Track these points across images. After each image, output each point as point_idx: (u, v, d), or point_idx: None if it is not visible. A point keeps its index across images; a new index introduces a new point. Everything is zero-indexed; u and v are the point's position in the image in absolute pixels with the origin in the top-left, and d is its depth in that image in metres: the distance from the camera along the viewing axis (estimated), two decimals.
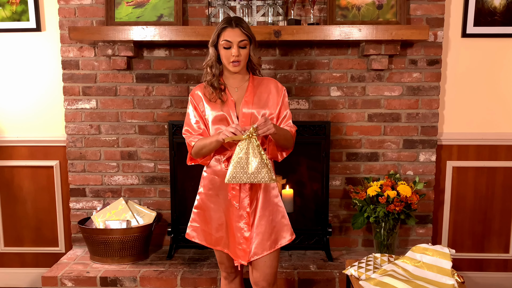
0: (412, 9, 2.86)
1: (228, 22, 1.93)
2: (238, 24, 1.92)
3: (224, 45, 1.92)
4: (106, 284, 2.64)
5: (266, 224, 2.00)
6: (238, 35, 1.91)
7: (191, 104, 2.04)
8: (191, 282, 2.63)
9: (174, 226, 2.96)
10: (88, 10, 2.89)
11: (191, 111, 2.04)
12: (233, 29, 1.92)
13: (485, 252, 3.13)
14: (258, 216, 2.00)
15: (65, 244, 3.17)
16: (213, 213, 2.06)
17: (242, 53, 1.93)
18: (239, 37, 1.91)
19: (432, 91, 2.91)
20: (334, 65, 2.90)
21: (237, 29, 1.91)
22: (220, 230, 2.06)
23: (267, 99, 2.02)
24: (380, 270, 2.03)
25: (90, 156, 3.01)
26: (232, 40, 1.91)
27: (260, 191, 2.01)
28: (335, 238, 3.03)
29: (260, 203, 2.01)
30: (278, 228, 2.04)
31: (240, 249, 2.00)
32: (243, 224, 1.99)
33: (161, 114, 2.96)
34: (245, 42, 1.93)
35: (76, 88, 2.96)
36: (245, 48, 1.94)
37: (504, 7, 2.90)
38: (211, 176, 2.05)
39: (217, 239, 2.07)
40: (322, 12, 2.87)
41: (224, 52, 1.94)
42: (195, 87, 2.08)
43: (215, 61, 1.99)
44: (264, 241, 2.00)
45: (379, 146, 2.97)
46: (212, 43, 1.98)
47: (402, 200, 2.55)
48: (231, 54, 1.92)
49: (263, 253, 2.00)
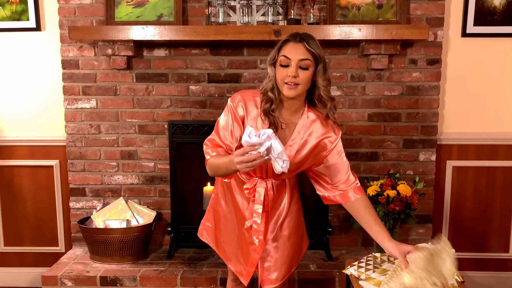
0: (412, 9, 2.86)
1: (293, 36, 1.63)
2: (303, 39, 1.60)
3: (282, 62, 1.60)
4: (106, 283, 2.64)
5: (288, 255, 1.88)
6: (301, 52, 1.58)
7: (231, 114, 1.70)
8: (191, 282, 2.63)
9: (174, 225, 2.96)
10: (88, 10, 2.89)
11: (227, 119, 1.70)
12: (295, 44, 1.60)
13: (485, 251, 3.13)
14: (280, 246, 1.87)
15: (65, 244, 3.17)
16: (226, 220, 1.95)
17: (302, 75, 1.59)
18: (302, 55, 1.58)
19: (432, 90, 2.91)
20: (334, 64, 2.90)
21: (300, 45, 1.59)
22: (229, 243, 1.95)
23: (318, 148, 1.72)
24: (380, 269, 2.03)
25: (90, 156, 3.01)
26: (291, 57, 1.59)
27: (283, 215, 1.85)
28: (335, 237, 3.03)
29: (285, 231, 1.86)
30: (295, 260, 1.95)
31: (244, 269, 1.91)
32: (251, 249, 1.84)
33: (161, 113, 2.96)
34: (307, 63, 1.59)
35: (76, 88, 2.96)
36: (307, 69, 1.60)
37: (504, 6, 2.90)
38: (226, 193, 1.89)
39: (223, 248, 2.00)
40: (322, 12, 2.87)
41: (280, 70, 1.61)
42: (243, 95, 1.72)
43: (275, 82, 1.64)
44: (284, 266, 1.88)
45: (379, 145, 2.97)
46: (271, 61, 1.65)
47: (402, 200, 2.55)
48: (286, 74, 1.59)
49: (276, 284, 1.89)
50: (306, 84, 1.62)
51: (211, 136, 1.76)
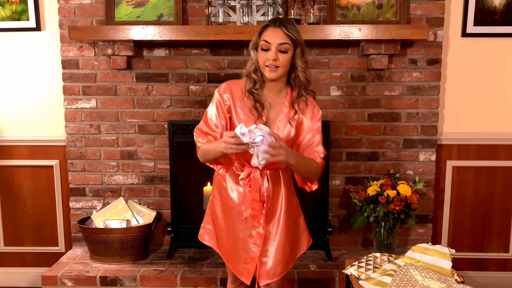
0: (412, 9, 2.86)
1: (272, 21, 1.74)
2: (282, 24, 1.70)
3: (263, 46, 1.72)
4: (106, 283, 2.64)
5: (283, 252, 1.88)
6: (280, 37, 1.69)
7: (216, 103, 1.80)
8: (191, 282, 2.63)
9: (174, 225, 2.96)
10: (88, 10, 2.89)
11: (213, 109, 1.81)
12: (275, 29, 1.70)
13: (485, 251, 3.13)
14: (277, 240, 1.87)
15: (65, 244, 3.17)
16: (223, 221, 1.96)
17: (281, 58, 1.70)
18: (281, 39, 1.69)
19: (432, 90, 2.91)
20: (334, 64, 2.90)
21: (279, 30, 1.69)
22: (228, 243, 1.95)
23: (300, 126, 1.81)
24: (380, 269, 2.03)
25: (90, 156, 3.01)
26: (271, 42, 1.70)
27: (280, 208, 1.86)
28: (335, 237, 3.03)
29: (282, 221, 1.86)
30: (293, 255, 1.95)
31: (244, 268, 1.90)
32: (251, 243, 1.86)
33: (161, 113, 2.96)
34: (287, 46, 1.70)
35: (76, 88, 2.96)
36: (286, 53, 1.70)
37: (504, 6, 2.90)
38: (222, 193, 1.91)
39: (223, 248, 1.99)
40: (322, 12, 2.87)
41: (262, 54, 1.73)
42: (227, 84, 1.84)
43: (258, 65, 1.76)
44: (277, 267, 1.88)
45: (379, 145, 2.97)
46: (254, 45, 1.77)
47: (402, 200, 2.55)
48: (267, 58, 1.70)
49: (273, 279, 1.89)
50: (285, 66, 1.72)
51: (199, 125, 1.85)
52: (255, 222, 1.83)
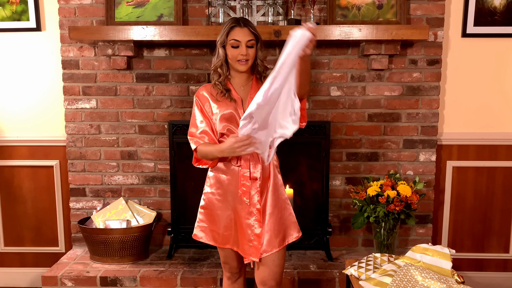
0: (412, 9, 2.86)
1: (236, 22, 1.97)
2: (247, 24, 1.97)
3: (233, 44, 1.96)
4: (106, 284, 2.64)
5: (275, 222, 2.01)
6: (247, 34, 1.95)
7: (196, 105, 2.05)
8: (191, 282, 2.63)
9: (174, 226, 2.96)
10: (88, 10, 2.89)
11: (196, 112, 2.05)
12: (241, 29, 1.96)
13: (485, 252, 3.13)
14: (268, 214, 2.00)
15: (65, 244, 3.17)
16: (221, 212, 2.05)
17: (250, 53, 1.96)
18: (248, 37, 1.95)
19: (432, 91, 2.91)
20: (334, 65, 2.90)
21: (245, 29, 1.96)
22: (229, 229, 2.05)
23: None
24: (380, 270, 2.03)
25: (90, 156, 3.01)
26: (241, 40, 1.94)
27: (269, 188, 2.02)
28: (335, 238, 3.03)
29: (270, 200, 2.01)
30: (286, 225, 2.04)
31: (251, 246, 1.99)
32: (253, 221, 1.98)
33: (161, 114, 2.96)
34: (252, 42, 1.96)
35: (76, 88, 2.96)
36: (253, 47, 1.97)
37: (504, 7, 2.90)
38: (218, 175, 2.05)
39: (225, 237, 2.06)
40: (322, 12, 2.87)
41: (232, 51, 1.97)
42: (200, 88, 2.09)
43: (224, 61, 2.02)
44: (273, 239, 2.00)
45: (379, 146, 2.97)
46: (221, 44, 2.00)
47: (402, 200, 2.55)
48: (239, 53, 1.95)
49: (272, 251, 1.99)
50: (253, 58, 1.99)
51: (190, 130, 2.05)
52: (246, 198, 1.97)
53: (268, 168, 2.03)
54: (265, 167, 2.01)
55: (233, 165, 2.01)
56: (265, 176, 2.02)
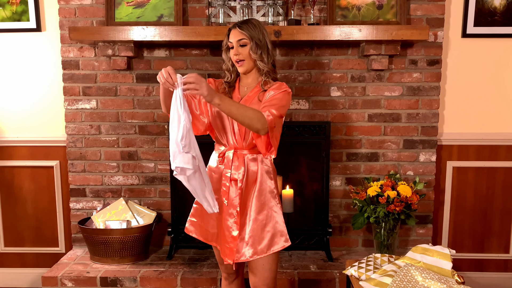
0: (412, 9, 2.86)
1: (233, 25, 2.02)
2: (237, 25, 1.99)
3: (229, 45, 2.01)
4: (106, 284, 2.64)
5: (258, 228, 1.97)
6: (237, 34, 1.97)
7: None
8: (191, 282, 2.63)
9: (174, 226, 2.96)
10: (88, 10, 2.89)
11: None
12: (234, 30, 1.99)
13: (485, 252, 3.13)
14: (252, 219, 1.96)
15: (65, 244, 3.17)
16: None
17: (242, 52, 1.97)
18: (238, 36, 1.97)
19: (432, 91, 2.91)
20: (334, 65, 2.90)
21: (236, 29, 1.98)
22: (215, 227, 2.06)
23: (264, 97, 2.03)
24: (380, 270, 2.03)
25: (90, 156, 3.01)
26: (232, 40, 1.98)
27: (254, 194, 1.98)
28: (335, 238, 3.03)
29: (254, 206, 1.97)
30: (272, 234, 1.98)
31: (227, 248, 1.99)
32: (232, 223, 1.97)
33: (161, 114, 2.96)
34: (244, 41, 1.96)
35: (76, 88, 2.96)
36: (245, 46, 1.97)
37: (504, 7, 2.90)
38: (211, 173, 2.06)
39: (212, 235, 2.07)
40: (322, 12, 2.87)
41: (230, 53, 2.02)
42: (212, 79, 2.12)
43: (231, 64, 2.06)
44: (256, 244, 1.96)
45: (379, 146, 2.97)
46: (224, 47, 2.05)
47: (402, 200, 2.55)
48: (233, 54, 1.99)
49: (253, 257, 1.95)
50: (248, 58, 1.97)
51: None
52: (225, 198, 1.97)
53: (255, 172, 1.98)
54: (250, 170, 1.98)
55: (219, 165, 2.03)
56: (251, 180, 1.98)
